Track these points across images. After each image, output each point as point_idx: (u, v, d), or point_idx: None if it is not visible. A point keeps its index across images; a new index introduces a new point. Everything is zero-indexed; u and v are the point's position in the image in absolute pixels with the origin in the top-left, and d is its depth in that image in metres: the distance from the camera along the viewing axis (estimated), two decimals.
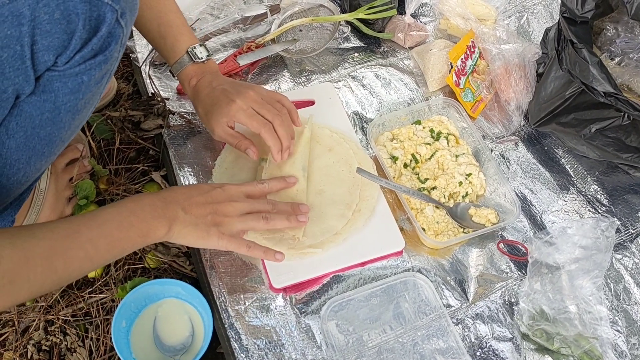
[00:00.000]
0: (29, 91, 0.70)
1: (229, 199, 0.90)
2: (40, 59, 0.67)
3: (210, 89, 1.02)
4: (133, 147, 1.22)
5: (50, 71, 0.70)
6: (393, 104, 1.24)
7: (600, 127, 1.05)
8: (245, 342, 0.95)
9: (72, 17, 0.66)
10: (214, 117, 1.00)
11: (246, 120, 0.99)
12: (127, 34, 0.75)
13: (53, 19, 0.65)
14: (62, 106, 0.74)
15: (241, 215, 0.91)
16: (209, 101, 1.01)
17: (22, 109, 0.72)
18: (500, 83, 1.21)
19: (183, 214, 0.84)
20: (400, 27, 1.32)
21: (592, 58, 1.01)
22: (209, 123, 1.02)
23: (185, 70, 1.04)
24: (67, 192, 1.11)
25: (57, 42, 0.67)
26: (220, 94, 1.01)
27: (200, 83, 1.03)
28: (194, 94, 1.04)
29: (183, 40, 1.03)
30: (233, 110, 0.98)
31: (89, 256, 0.76)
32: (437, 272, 1.03)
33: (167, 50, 1.04)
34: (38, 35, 0.65)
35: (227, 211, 0.89)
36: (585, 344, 0.94)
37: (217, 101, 1.00)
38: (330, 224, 1.02)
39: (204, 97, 1.02)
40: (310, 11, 1.36)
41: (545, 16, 1.39)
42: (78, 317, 1.05)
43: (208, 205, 0.87)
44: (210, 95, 1.01)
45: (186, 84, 1.05)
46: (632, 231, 1.09)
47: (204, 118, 1.03)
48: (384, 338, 0.96)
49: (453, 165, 1.12)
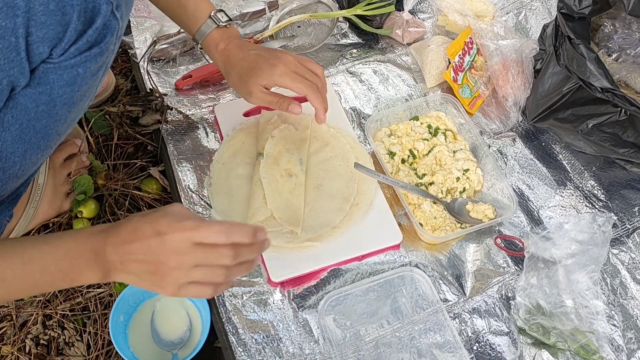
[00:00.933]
0: (24, 83, 0.70)
1: (173, 251, 0.71)
2: (35, 50, 0.67)
3: (244, 52, 1.00)
4: (131, 143, 1.23)
5: (45, 63, 0.70)
6: (391, 99, 1.24)
7: (598, 122, 1.05)
8: (243, 337, 0.95)
9: (67, 9, 0.66)
10: (252, 79, 0.98)
11: (291, 82, 0.98)
12: (123, 26, 0.75)
13: (48, 10, 0.65)
14: (57, 98, 0.73)
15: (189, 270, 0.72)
16: (244, 65, 0.99)
17: (17, 102, 0.71)
18: (498, 79, 1.21)
19: (120, 269, 0.73)
20: (398, 24, 1.32)
21: (589, 54, 1.01)
22: (244, 86, 1.00)
23: (211, 35, 1.02)
24: (65, 187, 1.11)
25: (52, 34, 0.67)
26: (258, 58, 0.99)
27: (229, 47, 1.02)
28: (225, 58, 1.02)
29: (204, 6, 1.02)
30: (277, 73, 0.98)
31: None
32: (435, 267, 1.03)
33: (189, 17, 1.02)
34: (33, 27, 0.65)
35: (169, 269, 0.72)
36: (582, 338, 0.95)
37: (256, 65, 0.99)
38: (329, 218, 1.02)
39: (237, 60, 1.00)
40: (308, 7, 1.36)
41: (543, 12, 1.40)
42: (76, 312, 1.05)
43: (147, 264, 0.72)
44: (246, 59, 1.00)
45: (213, 49, 1.03)
46: (629, 226, 1.09)
47: (238, 82, 1.01)
48: (381, 332, 0.96)
49: (451, 161, 1.12)
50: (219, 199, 1.05)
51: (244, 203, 1.04)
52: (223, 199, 1.05)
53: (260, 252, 0.78)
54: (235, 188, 1.06)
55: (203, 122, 1.18)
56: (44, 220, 1.10)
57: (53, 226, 1.11)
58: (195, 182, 1.10)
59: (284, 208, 1.02)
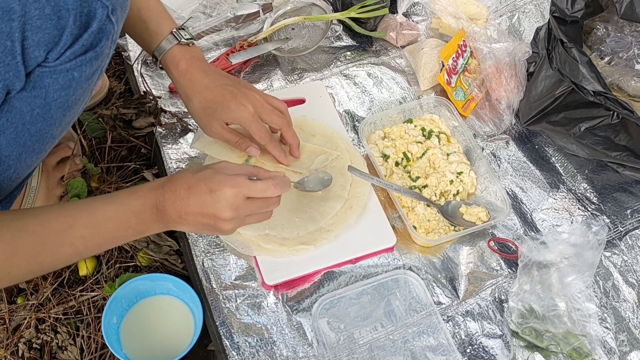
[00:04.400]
0: (19, 87, 0.70)
1: (228, 206, 0.81)
2: (31, 54, 0.67)
3: (208, 80, 0.97)
4: (125, 146, 1.22)
5: (41, 67, 0.70)
6: (385, 102, 1.24)
7: (590, 125, 1.06)
8: (237, 340, 0.95)
9: (63, 13, 0.66)
10: (217, 114, 0.96)
11: (256, 129, 0.97)
12: (118, 30, 0.75)
13: (44, 15, 0.65)
14: (52, 102, 0.74)
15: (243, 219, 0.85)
16: (208, 96, 0.96)
17: (12, 105, 0.72)
18: (491, 82, 1.22)
19: (179, 222, 0.82)
20: (392, 26, 1.32)
21: (581, 57, 1.02)
22: (206, 119, 0.97)
23: (171, 52, 0.96)
24: (58, 190, 1.11)
25: (47, 38, 0.67)
26: (225, 92, 0.96)
27: (192, 69, 0.97)
28: (187, 82, 0.97)
29: (165, 23, 0.98)
30: (245, 116, 0.96)
31: (78, 251, 0.76)
32: (428, 270, 1.03)
33: (150, 33, 0.97)
34: (29, 31, 0.65)
35: (225, 221, 0.82)
36: (574, 341, 0.95)
37: (222, 99, 0.96)
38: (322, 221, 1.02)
39: (201, 88, 0.96)
40: (302, 10, 1.37)
41: (537, 15, 1.40)
42: (69, 315, 1.05)
43: (204, 217, 0.81)
44: (211, 89, 0.96)
45: (173, 68, 0.97)
46: (621, 229, 1.10)
47: (200, 113, 0.97)
48: (375, 335, 0.96)
49: (444, 164, 1.12)
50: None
51: None
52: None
53: None
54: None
55: (196, 124, 1.18)
56: None
57: None
58: None
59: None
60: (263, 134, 0.98)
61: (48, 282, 1.07)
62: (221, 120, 0.97)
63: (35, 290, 1.07)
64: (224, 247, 1.03)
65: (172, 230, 1.08)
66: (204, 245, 1.03)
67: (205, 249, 1.03)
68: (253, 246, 1.00)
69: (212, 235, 1.04)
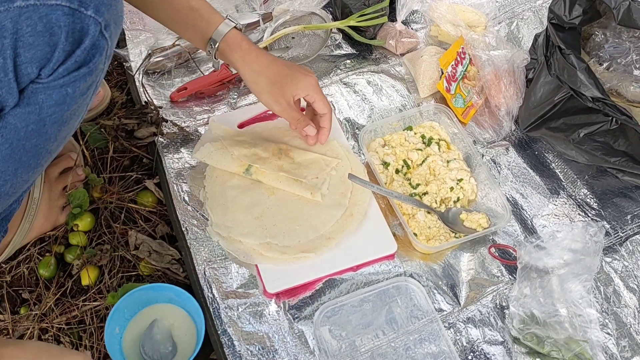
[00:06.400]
0: (12, 103, 0.70)
1: None
2: (24, 71, 0.67)
3: (272, 57, 1.00)
4: (127, 156, 1.23)
5: (34, 83, 0.70)
6: (385, 110, 1.25)
7: (589, 131, 1.06)
8: (239, 348, 0.95)
9: (55, 30, 0.66)
10: (287, 87, 0.98)
11: (323, 96, 1.02)
12: (112, 45, 0.75)
13: (35, 32, 0.65)
14: (47, 118, 0.73)
15: None
16: (277, 70, 0.98)
17: (6, 121, 0.71)
18: (490, 89, 1.22)
19: None
20: (391, 34, 1.33)
21: (579, 64, 1.02)
22: (275, 95, 0.99)
23: (232, 33, 0.99)
24: (60, 200, 1.11)
25: (40, 55, 0.67)
26: (290, 65, 1.01)
27: (254, 48, 1.00)
28: (254, 59, 0.99)
29: (216, 10, 1.00)
30: (313, 82, 1.00)
31: None
32: (429, 277, 1.04)
33: (205, 19, 0.99)
34: (21, 48, 0.65)
35: None
36: (576, 347, 0.95)
37: (290, 72, 0.98)
38: (323, 229, 1.03)
39: (269, 63, 0.98)
40: (302, 19, 1.37)
41: (535, 22, 1.41)
42: (72, 325, 1.05)
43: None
44: (278, 64, 0.99)
45: (236, 47, 0.99)
46: (622, 234, 1.10)
47: (270, 88, 0.99)
48: (377, 343, 0.97)
49: (444, 171, 1.12)
50: (216, 212, 1.06)
51: (241, 212, 1.05)
52: (220, 211, 1.06)
53: None
54: (230, 199, 1.07)
55: (198, 134, 1.19)
56: (39, 234, 1.10)
57: (49, 239, 1.12)
58: (190, 194, 1.10)
59: None
60: (327, 101, 1.03)
61: (51, 292, 1.07)
62: (290, 94, 1.00)
63: (38, 301, 1.08)
64: (225, 256, 1.04)
65: (174, 239, 1.09)
66: (206, 254, 1.04)
67: (207, 257, 1.03)
68: (254, 254, 1.01)
69: (213, 243, 1.04)
